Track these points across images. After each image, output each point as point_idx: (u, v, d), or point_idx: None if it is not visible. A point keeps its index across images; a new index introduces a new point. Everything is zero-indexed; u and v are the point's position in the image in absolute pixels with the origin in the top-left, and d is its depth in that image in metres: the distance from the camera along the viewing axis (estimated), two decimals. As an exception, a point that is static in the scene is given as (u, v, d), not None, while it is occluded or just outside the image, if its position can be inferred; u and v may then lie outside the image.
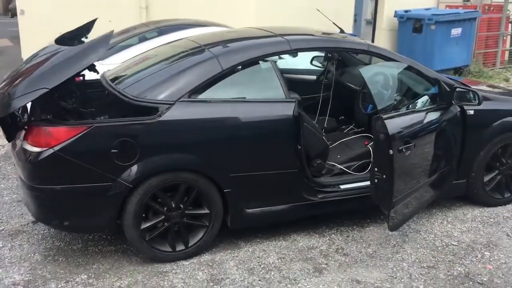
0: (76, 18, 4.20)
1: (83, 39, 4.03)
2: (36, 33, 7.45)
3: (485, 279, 3.34)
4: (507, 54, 12.21)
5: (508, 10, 11.62)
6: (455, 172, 4.08)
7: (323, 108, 4.95)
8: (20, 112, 3.57)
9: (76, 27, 4.23)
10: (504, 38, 11.75)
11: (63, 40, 3.82)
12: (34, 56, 3.87)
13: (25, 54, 7.73)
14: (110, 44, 6.01)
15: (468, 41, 10.32)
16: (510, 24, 11.98)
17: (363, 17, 13.46)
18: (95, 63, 3.62)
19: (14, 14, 30.33)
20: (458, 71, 10.25)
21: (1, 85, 3.50)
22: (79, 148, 3.17)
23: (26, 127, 3.37)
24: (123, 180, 3.25)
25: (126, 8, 8.03)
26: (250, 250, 3.67)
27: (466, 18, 10.04)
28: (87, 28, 4.02)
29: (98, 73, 3.89)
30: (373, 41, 11.02)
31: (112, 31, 3.57)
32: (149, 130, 3.29)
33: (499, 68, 11.56)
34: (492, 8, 11.62)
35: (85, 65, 3.37)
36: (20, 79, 3.31)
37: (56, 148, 3.14)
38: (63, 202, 3.29)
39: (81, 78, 3.96)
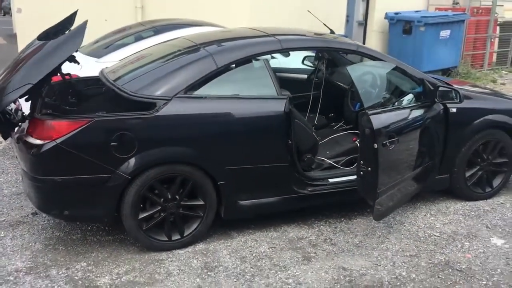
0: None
1: (66, 32, 4.11)
2: (33, 30, 7.55)
3: (463, 266, 3.53)
4: (495, 56, 12.48)
5: (496, 13, 11.89)
6: (438, 167, 4.27)
7: (313, 106, 5.14)
8: (13, 110, 3.72)
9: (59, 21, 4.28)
10: (492, 40, 12.01)
11: (47, 35, 3.89)
12: (20, 54, 3.98)
13: (22, 52, 7.83)
14: (107, 43, 6.20)
15: (457, 43, 10.57)
16: (498, 27, 12.26)
17: (355, 18, 13.70)
18: (74, 54, 3.73)
19: (6, 13, 30.28)
20: (446, 72, 10.48)
21: None
22: (80, 140, 3.33)
23: (23, 122, 3.53)
24: (122, 172, 3.41)
25: (122, 7, 8.15)
26: (242, 240, 3.84)
27: (454, 20, 10.29)
28: (69, 21, 4.07)
29: (78, 63, 3.97)
30: (364, 42, 11.23)
31: (87, 21, 3.65)
32: (147, 124, 3.46)
33: (487, 70, 11.82)
34: (480, 11, 11.89)
35: (64, 57, 3.50)
36: (6, 78, 3.46)
37: (58, 140, 3.29)
38: (64, 193, 3.45)
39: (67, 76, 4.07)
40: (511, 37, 12.45)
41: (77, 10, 4.29)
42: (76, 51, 3.62)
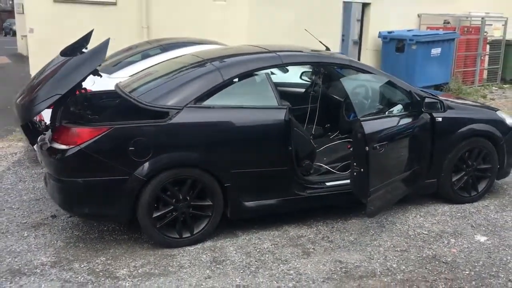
0: (81, 35, 4.63)
1: (83, 50, 4.35)
2: (44, 49, 7.99)
3: (449, 259, 3.88)
4: (485, 72, 12.97)
5: (486, 32, 12.40)
6: (426, 172, 4.64)
7: (311, 117, 5.53)
8: (38, 119, 4.08)
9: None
10: (482, 58, 12.51)
11: (66, 52, 4.27)
12: (44, 68, 4.33)
13: (33, 69, 8.24)
14: (116, 60, 6.60)
15: (447, 60, 11.05)
16: (488, 45, 12.77)
17: (351, 37, 14.23)
18: (98, 68, 4.08)
19: (7, 33, 30.94)
20: (438, 88, 10.92)
21: (20, 97, 3.99)
22: (101, 146, 3.69)
23: (47, 131, 3.90)
24: (138, 174, 3.77)
25: (129, 27, 8.60)
26: (247, 238, 4.19)
27: (445, 39, 10.80)
28: (85, 39, 4.40)
29: (101, 76, 4.30)
30: (359, 60, 11.70)
31: (109, 38, 4.01)
32: (161, 131, 3.83)
33: (478, 86, 12.29)
34: (471, 30, 12.40)
35: (89, 71, 3.85)
36: (36, 89, 3.83)
37: (82, 146, 3.65)
38: (86, 192, 3.79)
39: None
40: (501, 55, 12.97)
41: (93, 30, 4.69)
42: (99, 66, 3.98)
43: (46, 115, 4.25)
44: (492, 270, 3.74)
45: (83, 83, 4.14)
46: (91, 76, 4.25)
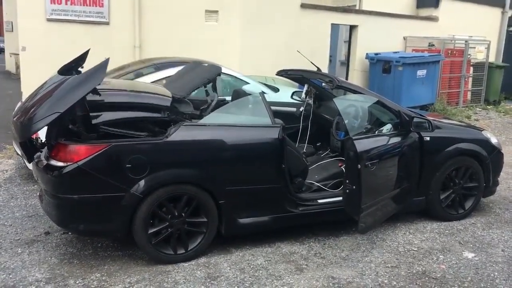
0: (73, 55, 4.65)
1: (79, 68, 4.44)
2: (36, 67, 8.05)
3: (438, 275, 3.97)
4: (469, 94, 13.28)
5: (469, 54, 12.75)
6: (415, 190, 4.76)
7: (302, 136, 5.64)
8: (34, 137, 4.12)
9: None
10: (466, 79, 12.83)
11: (64, 70, 4.31)
12: (41, 86, 4.37)
13: (25, 87, 8.26)
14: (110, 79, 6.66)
15: (433, 81, 11.32)
16: (471, 67, 13.10)
17: (338, 58, 14.51)
18: (97, 87, 4.08)
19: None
20: (424, 108, 11.15)
21: (18, 115, 4.04)
22: (99, 163, 3.74)
23: (43, 148, 3.95)
24: (135, 191, 3.82)
25: (121, 46, 8.69)
26: (240, 254, 4.24)
27: (430, 61, 11.08)
28: (82, 58, 4.46)
29: (100, 95, 4.17)
30: (346, 79, 11.93)
31: (108, 58, 4.05)
32: (158, 149, 3.90)
33: (462, 107, 12.57)
34: (455, 52, 12.73)
35: (88, 89, 3.84)
36: (35, 107, 3.87)
37: (80, 163, 3.70)
38: (82, 209, 3.82)
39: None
40: (484, 77, 13.31)
41: (89, 49, 4.76)
42: (99, 84, 4.04)
43: (42, 133, 4.30)
44: (480, 285, 3.84)
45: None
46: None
